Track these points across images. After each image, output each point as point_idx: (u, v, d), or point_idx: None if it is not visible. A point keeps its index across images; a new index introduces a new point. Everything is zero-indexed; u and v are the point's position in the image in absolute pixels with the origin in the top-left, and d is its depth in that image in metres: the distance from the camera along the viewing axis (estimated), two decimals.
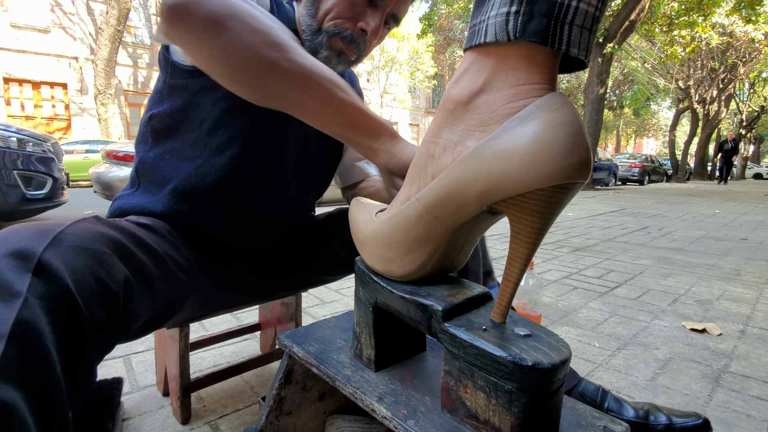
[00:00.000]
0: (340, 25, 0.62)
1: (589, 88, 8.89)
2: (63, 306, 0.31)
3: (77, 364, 0.32)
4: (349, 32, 0.62)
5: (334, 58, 0.64)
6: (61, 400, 0.29)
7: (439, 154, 0.31)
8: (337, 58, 0.64)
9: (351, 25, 0.62)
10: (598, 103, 8.80)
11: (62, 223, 0.38)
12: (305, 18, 0.64)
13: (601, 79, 8.70)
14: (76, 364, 0.32)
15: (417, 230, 0.33)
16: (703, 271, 2.00)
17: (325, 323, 0.52)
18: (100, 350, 0.36)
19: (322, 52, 0.64)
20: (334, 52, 0.64)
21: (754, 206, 5.50)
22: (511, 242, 0.29)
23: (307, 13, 0.63)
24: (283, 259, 0.79)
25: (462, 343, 0.30)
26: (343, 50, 0.64)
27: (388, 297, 0.36)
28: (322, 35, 0.63)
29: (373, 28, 0.62)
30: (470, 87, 0.29)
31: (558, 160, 0.25)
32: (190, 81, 0.58)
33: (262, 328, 1.01)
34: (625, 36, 8.58)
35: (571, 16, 0.25)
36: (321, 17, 0.62)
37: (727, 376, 0.97)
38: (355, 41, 0.63)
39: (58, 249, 0.34)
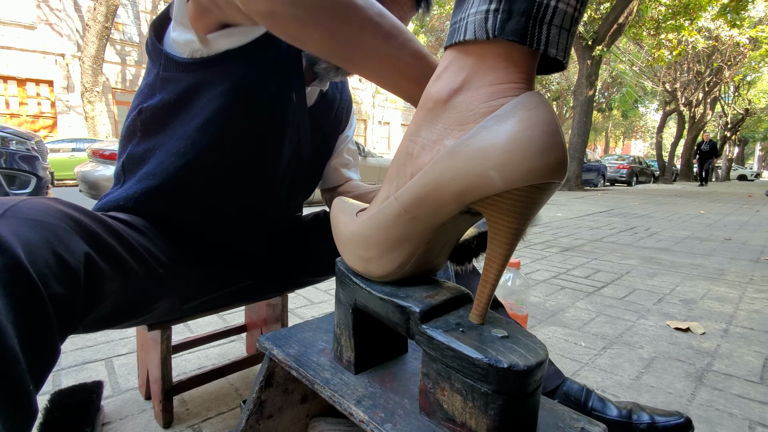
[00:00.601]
0: None
1: (579, 90, 8.99)
2: (14, 278, 0.31)
3: (36, 338, 0.31)
4: None
5: (332, 70, 0.64)
6: (20, 373, 0.29)
7: (418, 152, 0.31)
8: (335, 71, 0.64)
9: None
10: (587, 105, 8.90)
11: (17, 199, 0.38)
12: None
13: (590, 81, 8.81)
14: (35, 339, 0.31)
15: (396, 230, 0.33)
16: (687, 271, 2.03)
17: (308, 325, 0.51)
18: (63, 327, 0.35)
19: (321, 63, 0.64)
20: (332, 65, 0.64)
21: (738, 207, 5.61)
22: (489, 243, 0.29)
23: None
24: (270, 260, 0.78)
25: (439, 345, 0.29)
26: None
27: (366, 298, 0.36)
28: None
29: None
30: (449, 85, 0.29)
31: (534, 159, 0.25)
32: (185, 75, 0.56)
33: (248, 329, 1.00)
34: (613, 39, 8.69)
35: (549, 15, 0.25)
36: None
37: (710, 374, 0.98)
38: None
39: (10, 222, 0.33)
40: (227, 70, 0.56)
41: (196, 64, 0.55)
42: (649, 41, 12.62)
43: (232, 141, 0.59)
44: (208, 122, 0.57)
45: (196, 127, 0.57)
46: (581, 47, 8.61)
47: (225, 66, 0.56)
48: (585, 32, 8.39)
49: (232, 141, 0.59)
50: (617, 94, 21.28)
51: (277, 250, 0.79)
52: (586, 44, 8.50)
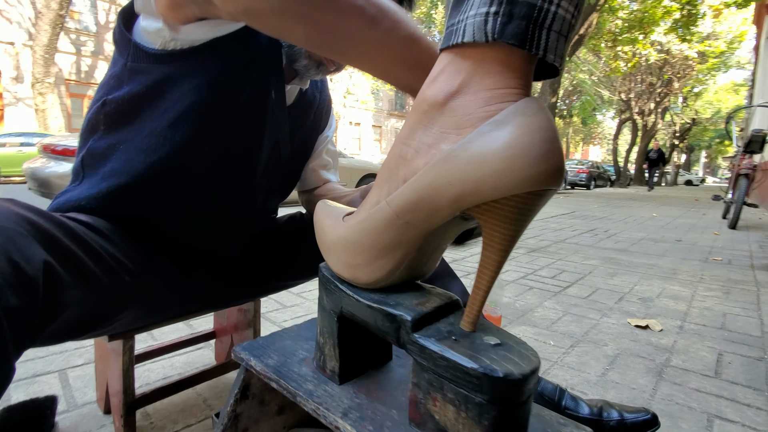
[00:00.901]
0: None
1: (543, 97, 9.34)
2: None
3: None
4: None
5: (313, 68, 0.63)
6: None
7: (412, 156, 0.30)
8: (316, 69, 0.63)
9: None
10: (550, 111, 9.24)
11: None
12: None
13: (553, 89, 9.18)
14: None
15: (387, 235, 0.32)
16: (644, 271, 2.14)
17: (286, 333, 0.49)
18: (19, 342, 0.32)
19: (301, 61, 0.62)
20: (313, 62, 0.62)
21: (686, 210, 6.02)
22: (483, 249, 0.28)
23: None
24: (245, 264, 0.75)
25: (432, 355, 0.28)
26: (322, 61, 0.62)
27: (354, 306, 0.34)
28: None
29: None
30: (446, 88, 0.28)
31: (533, 166, 0.24)
32: (156, 66, 0.52)
33: (217, 336, 0.95)
34: (575, 49, 9.10)
35: (549, 21, 0.25)
36: None
37: (669, 370, 1.04)
38: None
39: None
40: (203, 64, 0.53)
41: (169, 55, 0.52)
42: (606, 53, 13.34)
43: (208, 139, 0.56)
44: (181, 118, 0.53)
45: (167, 123, 0.54)
46: None
47: (201, 59, 0.53)
48: None
49: (208, 139, 0.56)
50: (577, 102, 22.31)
51: (253, 254, 0.76)
52: None
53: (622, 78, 15.78)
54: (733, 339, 1.24)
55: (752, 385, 0.95)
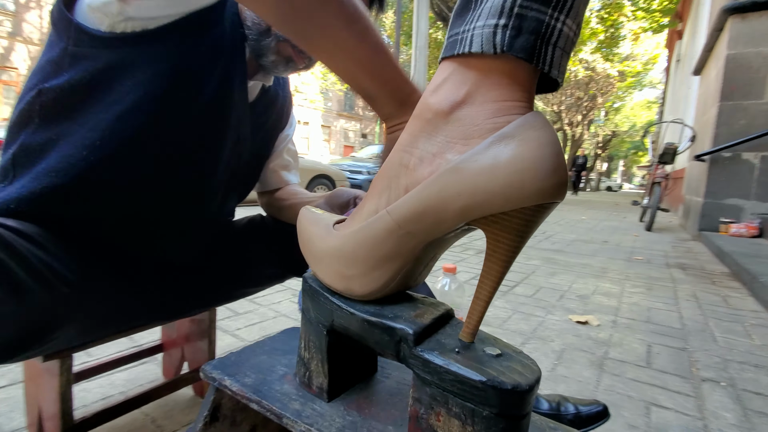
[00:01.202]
0: None
1: None
2: None
3: None
4: None
5: (282, 64, 0.60)
6: None
7: (415, 165, 0.29)
8: (284, 65, 0.60)
9: None
10: None
11: None
12: (252, 15, 0.57)
13: None
14: None
15: (385, 246, 0.31)
16: (579, 270, 2.32)
17: (259, 347, 0.46)
18: None
19: (269, 56, 0.59)
20: (282, 58, 0.59)
21: (609, 214, 6.64)
22: (486, 259, 0.28)
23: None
24: (200, 272, 0.69)
25: (437, 369, 0.28)
26: (292, 57, 0.60)
27: (347, 319, 0.33)
28: (271, 38, 0.58)
29: None
30: (451, 97, 0.28)
31: (543, 179, 0.25)
32: (103, 52, 0.46)
33: (165, 349, 0.87)
34: None
35: (555, 37, 0.25)
36: None
37: (608, 362, 1.13)
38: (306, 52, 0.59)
39: None
40: (160, 51, 0.48)
41: (120, 39, 0.46)
42: None
43: (162, 136, 0.51)
44: (132, 111, 0.48)
45: (115, 116, 0.48)
46: None
47: (159, 45, 0.48)
48: None
49: (162, 136, 0.51)
50: None
51: (209, 261, 0.70)
52: None
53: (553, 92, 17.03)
54: (659, 331, 1.38)
55: (679, 374, 1.06)
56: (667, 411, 0.88)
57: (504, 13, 0.25)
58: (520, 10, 0.25)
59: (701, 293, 1.90)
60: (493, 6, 0.26)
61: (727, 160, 3.58)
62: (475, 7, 0.27)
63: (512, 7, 0.25)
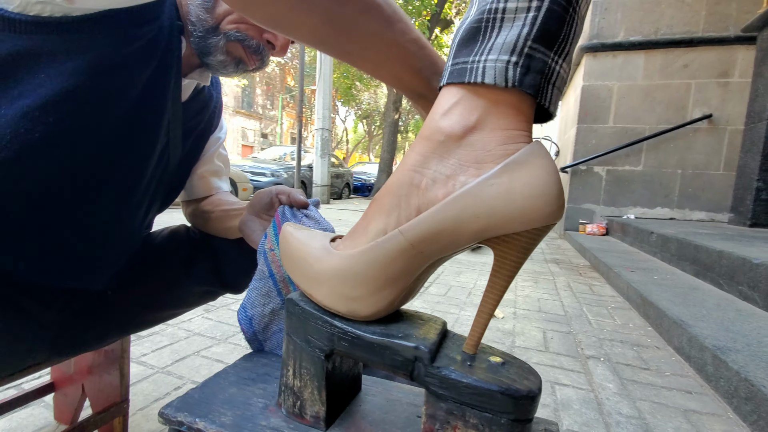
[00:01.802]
0: (245, 32, 0.53)
1: (387, 114, 10.22)
2: None
3: None
4: (255, 42, 0.54)
5: (231, 65, 0.55)
6: None
7: (427, 185, 0.30)
8: (234, 66, 0.55)
9: (256, 33, 0.54)
10: (393, 126, 10.19)
11: None
12: (197, 10, 0.51)
13: (396, 107, 10.13)
14: None
15: (396, 265, 0.31)
16: (480, 268, 2.57)
17: (222, 379, 0.41)
18: None
19: (217, 55, 0.53)
20: (231, 58, 0.54)
21: None
22: (492, 275, 0.30)
23: (200, 5, 0.51)
24: (116, 298, 0.59)
25: (455, 384, 0.29)
26: (242, 59, 0.55)
27: (353, 343, 0.32)
28: (220, 37, 0.52)
29: (282, 43, 0.56)
30: (463, 122, 0.29)
31: (552, 203, 0.28)
32: (10, 37, 0.37)
33: (58, 387, 0.72)
34: None
35: (554, 78, 0.28)
36: (220, 15, 0.52)
37: (516, 350, 1.27)
38: (260, 53, 0.55)
39: None
40: (83, 43, 0.40)
41: (33, 24, 0.37)
42: None
43: (78, 139, 0.43)
44: (42, 107, 0.39)
45: (21, 112, 0.39)
46: None
47: (81, 36, 0.40)
48: None
49: (78, 139, 0.43)
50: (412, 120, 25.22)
51: (123, 283, 0.60)
52: None
53: None
54: (549, 318, 1.61)
55: (570, 354, 1.25)
56: (567, 388, 1.04)
57: (516, 51, 0.27)
58: (530, 51, 0.27)
59: (573, 283, 2.27)
60: (505, 43, 0.28)
61: (583, 172, 4.34)
62: (484, 41, 0.29)
63: (523, 48, 0.27)
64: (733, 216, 3.19)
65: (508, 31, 0.28)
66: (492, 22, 0.28)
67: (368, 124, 23.97)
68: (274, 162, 6.56)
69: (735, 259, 1.68)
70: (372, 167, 14.15)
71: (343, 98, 14.50)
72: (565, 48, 0.28)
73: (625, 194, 4.19)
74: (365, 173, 13.31)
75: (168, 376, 0.97)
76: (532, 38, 0.27)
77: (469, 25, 0.30)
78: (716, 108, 3.84)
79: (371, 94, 20.24)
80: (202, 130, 0.68)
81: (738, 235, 2.38)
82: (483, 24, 0.29)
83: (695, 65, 3.88)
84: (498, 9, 0.28)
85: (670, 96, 3.98)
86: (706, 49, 3.82)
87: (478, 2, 0.30)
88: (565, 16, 0.27)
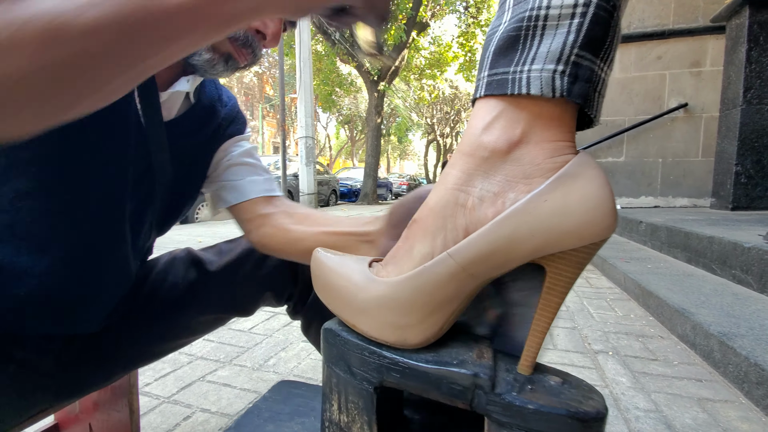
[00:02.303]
0: None
1: (369, 118, 10.23)
2: None
3: None
4: (243, 34, 0.49)
5: (220, 63, 0.50)
6: None
7: (474, 204, 0.29)
8: (224, 64, 0.51)
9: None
10: (376, 131, 10.21)
11: None
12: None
13: (377, 111, 10.16)
14: None
15: (447, 290, 0.29)
16: None
17: (256, 415, 0.39)
18: None
19: (203, 54, 0.49)
20: (219, 55, 0.50)
21: None
22: (546, 293, 0.29)
23: None
24: (116, 336, 0.56)
25: (520, 411, 0.27)
26: (232, 54, 0.50)
27: (405, 374, 0.30)
28: None
29: (272, 31, 0.50)
30: (507, 136, 0.28)
31: (608, 217, 0.27)
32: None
33: (63, 428, 0.68)
34: (392, 77, 10.33)
35: (600, 85, 0.27)
36: None
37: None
38: (250, 45, 0.50)
39: None
40: None
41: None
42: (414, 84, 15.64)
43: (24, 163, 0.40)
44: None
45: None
46: (369, 81, 9.86)
47: None
48: (371, 69, 9.65)
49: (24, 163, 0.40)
50: (394, 123, 25.34)
51: (122, 319, 0.57)
52: (373, 79, 9.79)
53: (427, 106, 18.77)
54: None
55: (578, 350, 1.25)
56: None
57: (562, 59, 0.26)
58: (577, 59, 0.26)
59: None
60: (550, 51, 0.27)
61: None
62: (525, 50, 0.28)
63: (570, 56, 0.26)
64: (715, 200, 3.28)
65: (551, 38, 0.27)
66: (534, 29, 0.27)
67: (350, 130, 23.97)
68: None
69: (726, 244, 1.72)
70: (357, 172, 14.15)
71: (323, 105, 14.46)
72: (609, 54, 0.28)
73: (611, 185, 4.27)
74: (351, 178, 13.29)
75: (175, 406, 0.93)
76: (578, 45, 0.26)
77: (506, 33, 0.29)
78: (691, 97, 3.96)
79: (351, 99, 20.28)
80: (204, 144, 0.62)
81: (723, 220, 2.44)
82: (523, 32, 0.28)
83: (668, 56, 3.99)
84: (540, 16, 0.27)
85: (646, 87, 4.09)
86: (677, 40, 3.94)
87: (512, 8, 0.29)
88: (610, 20, 0.27)
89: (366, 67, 9.55)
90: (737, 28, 2.98)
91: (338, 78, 12.37)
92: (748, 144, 2.92)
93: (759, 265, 1.50)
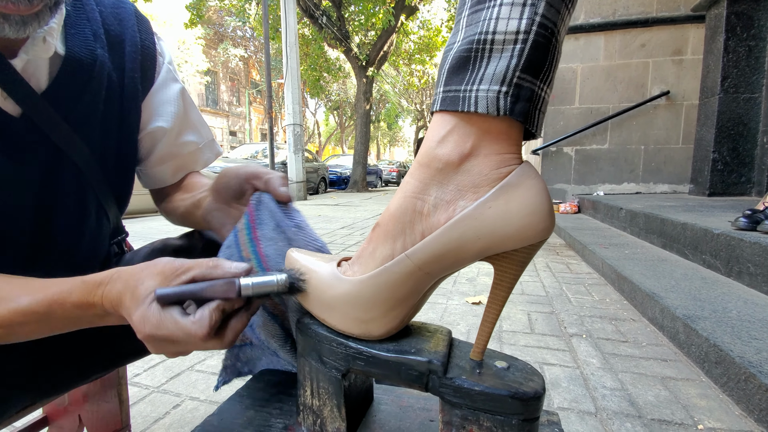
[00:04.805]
0: None
1: (358, 104, 10.14)
2: None
3: None
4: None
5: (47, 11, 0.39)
6: None
7: (429, 211, 0.32)
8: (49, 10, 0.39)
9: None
10: (365, 117, 10.14)
11: None
12: None
13: (366, 97, 10.06)
14: None
15: (405, 287, 0.32)
16: None
17: (238, 402, 0.42)
18: None
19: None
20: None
21: None
22: (494, 288, 0.33)
23: None
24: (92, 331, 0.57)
25: (468, 392, 0.31)
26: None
27: (369, 361, 0.33)
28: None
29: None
30: (459, 150, 0.31)
31: (545, 220, 0.30)
32: None
33: (52, 420, 0.70)
34: (381, 63, 10.21)
35: (540, 103, 0.31)
36: None
37: (504, 334, 1.33)
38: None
39: None
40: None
41: None
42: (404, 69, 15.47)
43: None
44: None
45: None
46: (358, 67, 9.73)
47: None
48: (360, 54, 9.52)
49: None
50: (383, 109, 25.15)
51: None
52: (361, 65, 9.67)
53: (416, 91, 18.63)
54: (532, 300, 1.68)
55: (554, 334, 1.32)
56: (555, 367, 1.09)
57: (506, 81, 0.29)
58: (518, 81, 0.29)
59: (552, 263, 2.36)
60: (495, 74, 0.29)
61: (553, 153, 4.47)
62: (474, 70, 0.30)
63: (512, 78, 0.29)
64: (693, 187, 3.38)
65: (497, 61, 0.29)
66: (481, 53, 0.30)
67: (339, 116, 23.73)
68: (247, 161, 6.43)
69: (698, 230, 1.80)
70: (346, 159, 14.08)
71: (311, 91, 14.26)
72: (549, 75, 0.30)
73: (594, 172, 4.36)
74: (340, 166, 13.22)
75: (165, 395, 0.96)
76: (520, 69, 0.29)
77: (459, 53, 0.31)
78: (673, 85, 4.03)
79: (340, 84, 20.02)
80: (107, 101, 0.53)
81: (698, 206, 2.53)
82: (473, 54, 0.30)
83: (651, 44, 4.04)
84: (487, 40, 0.30)
85: (630, 75, 4.14)
86: (660, 28, 3.98)
87: (464, 29, 0.32)
88: (549, 45, 0.29)
89: (354, 52, 9.43)
90: (716, 18, 3.03)
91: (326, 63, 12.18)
92: (725, 132, 3.00)
93: (726, 251, 1.58)
